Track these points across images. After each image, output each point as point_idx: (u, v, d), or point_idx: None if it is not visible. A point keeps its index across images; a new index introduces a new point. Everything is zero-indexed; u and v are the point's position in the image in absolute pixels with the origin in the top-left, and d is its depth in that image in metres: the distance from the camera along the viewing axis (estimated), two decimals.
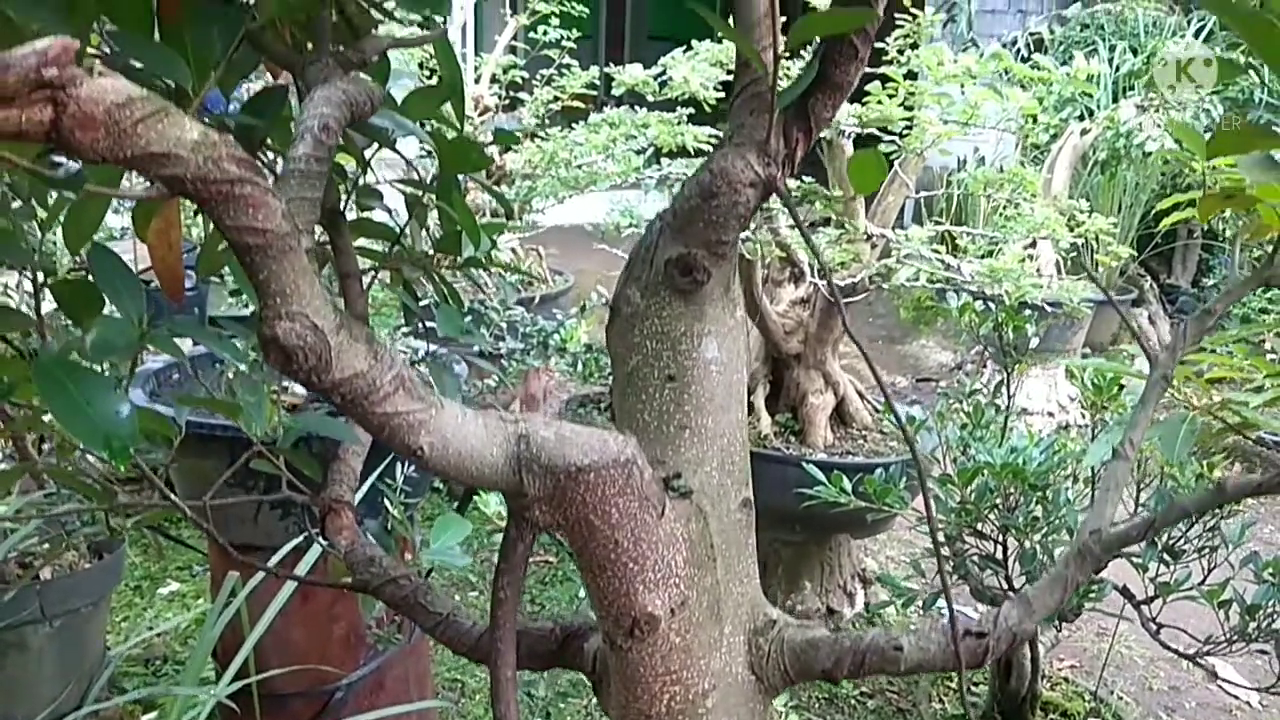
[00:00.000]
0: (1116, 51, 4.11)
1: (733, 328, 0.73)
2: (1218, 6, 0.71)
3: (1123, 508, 0.91)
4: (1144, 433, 0.71)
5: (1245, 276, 0.77)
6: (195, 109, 0.64)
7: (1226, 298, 0.77)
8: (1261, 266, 0.76)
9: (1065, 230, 2.21)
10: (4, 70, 0.43)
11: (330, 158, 0.59)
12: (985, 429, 1.94)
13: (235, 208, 0.47)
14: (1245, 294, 0.77)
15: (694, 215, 0.69)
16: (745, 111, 0.70)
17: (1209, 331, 0.77)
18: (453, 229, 1.08)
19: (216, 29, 0.72)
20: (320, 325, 0.50)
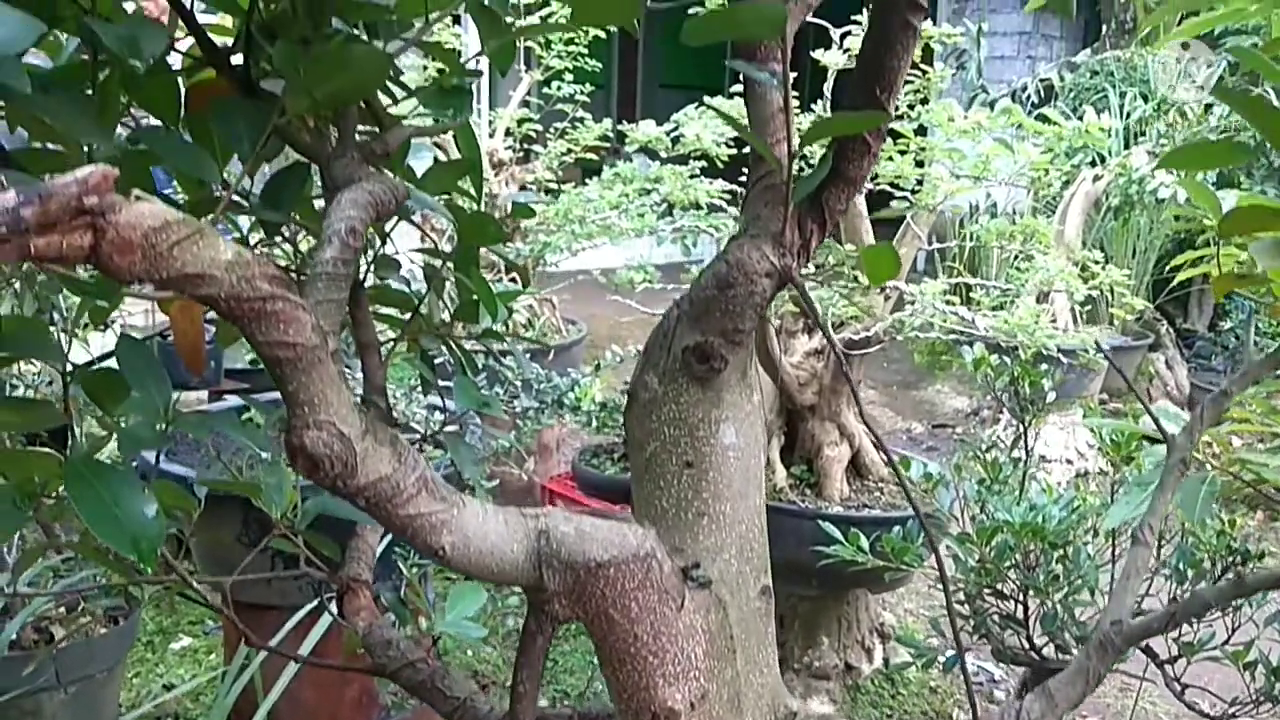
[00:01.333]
0: (1127, 99, 4.15)
1: (750, 413, 0.74)
2: (1223, 95, 0.72)
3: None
4: (1162, 517, 0.71)
5: (1261, 357, 0.77)
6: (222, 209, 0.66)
7: (1242, 380, 0.77)
8: (1274, 351, 0.76)
9: (1079, 282, 2.22)
10: (47, 198, 0.45)
11: (356, 260, 0.60)
12: (1003, 484, 1.93)
13: (267, 324, 0.48)
14: (1262, 376, 0.77)
15: (711, 304, 0.70)
16: (760, 203, 0.71)
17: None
18: (470, 299, 1.10)
19: (243, 123, 0.74)
20: (346, 432, 0.51)
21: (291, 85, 0.72)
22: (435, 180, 1.01)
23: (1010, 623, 1.85)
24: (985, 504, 1.95)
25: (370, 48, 0.75)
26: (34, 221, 0.44)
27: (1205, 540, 1.81)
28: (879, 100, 0.64)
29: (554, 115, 3.20)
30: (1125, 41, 4.38)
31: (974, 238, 2.30)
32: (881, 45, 0.62)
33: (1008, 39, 5.46)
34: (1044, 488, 1.99)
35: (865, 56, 0.63)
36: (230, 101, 0.76)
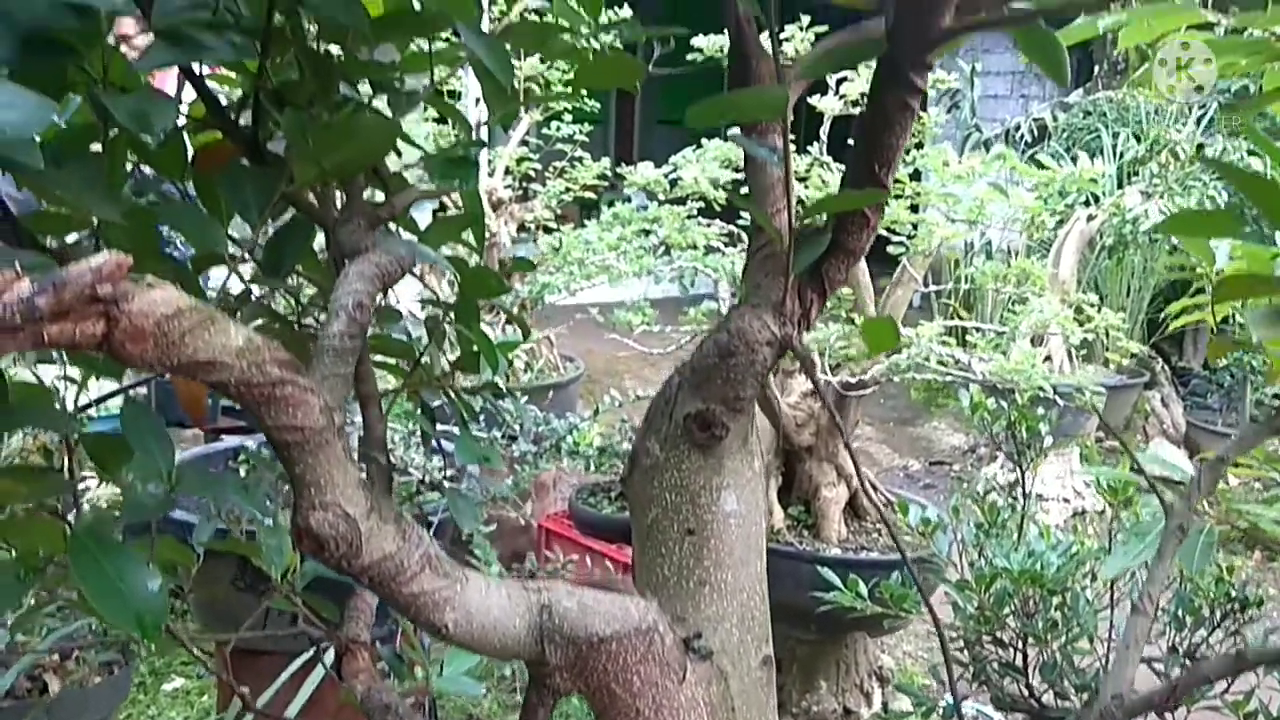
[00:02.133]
0: (1120, 139, 4.20)
1: (750, 479, 0.74)
2: (1220, 168, 0.73)
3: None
4: (1162, 585, 0.71)
5: (1259, 424, 0.77)
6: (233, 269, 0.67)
7: (1240, 445, 0.77)
8: (1273, 417, 0.77)
9: (1075, 325, 2.23)
10: (61, 287, 0.45)
11: (363, 334, 0.61)
12: (1001, 529, 1.93)
13: (276, 408, 0.48)
14: (1259, 443, 0.78)
15: (712, 373, 0.71)
16: (760, 272, 0.72)
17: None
18: (471, 350, 1.10)
19: (251, 190, 0.75)
20: (352, 513, 0.52)
21: (299, 154, 0.73)
22: (438, 233, 1.02)
23: (1009, 670, 1.84)
24: (983, 549, 1.95)
25: (378, 118, 0.76)
26: (48, 310, 0.45)
27: (1204, 587, 1.81)
28: (878, 176, 0.65)
29: (553, 154, 3.23)
30: (1117, 82, 4.44)
31: (969, 279, 2.31)
32: (881, 124, 0.63)
33: (1001, 78, 5.54)
34: (1042, 531, 1.99)
35: (865, 134, 0.64)
36: (238, 168, 0.77)
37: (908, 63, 0.59)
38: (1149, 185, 3.58)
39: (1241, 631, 1.81)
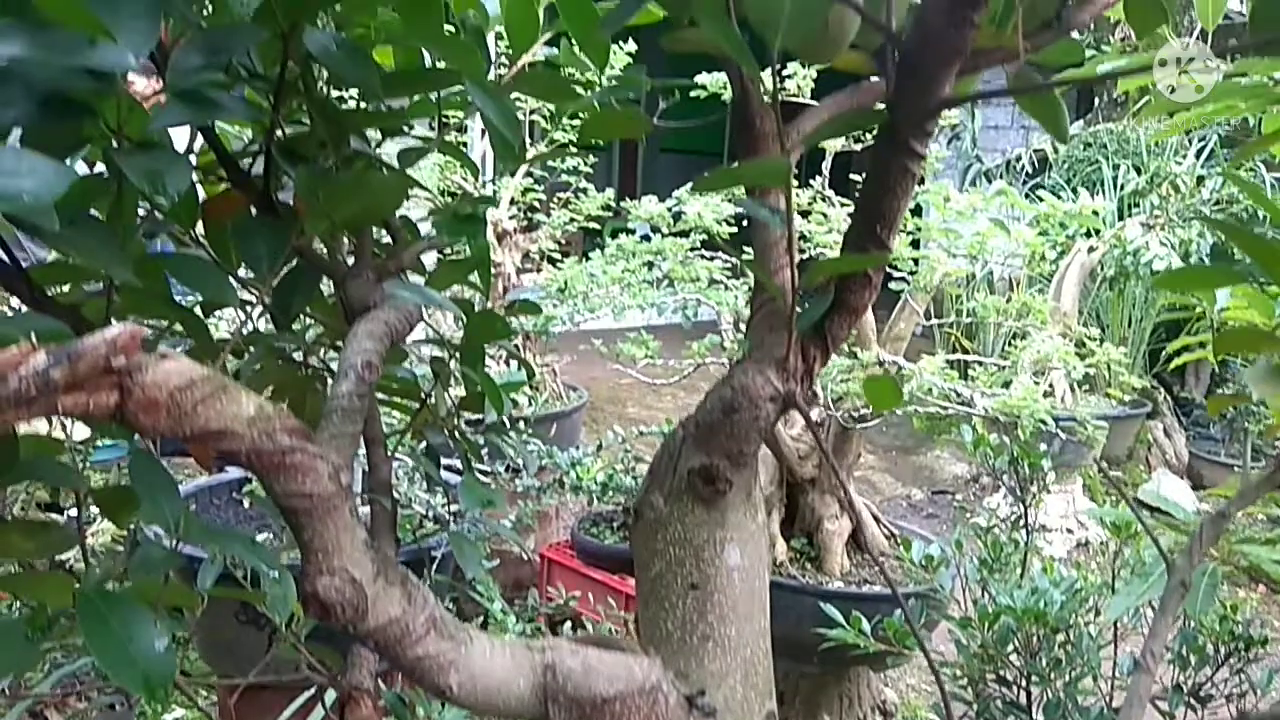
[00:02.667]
0: (1120, 171, 4.23)
1: (754, 532, 0.74)
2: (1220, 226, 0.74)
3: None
4: (1164, 642, 0.71)
5: (1259, 479, 0.78)
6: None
7: (1240, 501, 0.78)
8: (1274, 471, 0.77)
9: (1077, 360, 2.24)
10: (76, 359, 0.46)
11: (371, 393, 0.62)
12: (1004, 564, 1.92)
13: (286, 476, 0.49)
14: (1260, 496, 0.78)
15: (716, 428, 0.71)
16: (765, 328, 0.73)
17: None
18: (475, 391, 1.11)
19: (263, 243, 0.76)
20: (358, 577, 0.52)
21: (310, 209, 0.74)
22: (445, 276, 1.03)
23: (1013, 708, 1.83)
24: (986, 585, 1.95)
25: (388, 176, 0.77)
26: (63, 382, 0.45)
27: (1208, 624, 1.80)
28: (880, 237, 0.66)
29: (557, 184, 3.26)
30: (1118, 114, 4.48)
31: (971, 313, 2.32)
32: (882, 187, 0.64)
33: (1001, 108, 5.58)
34: (1045, 566, 1.99)
35: (866, 197, 0.65)
36: (249, 220, 0.78)
37: (908, 131, 0.60)
38: (1150, 217, 3.60)
39: (1246, 670, 1.80)
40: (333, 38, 0.75)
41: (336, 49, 0.74)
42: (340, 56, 0.73)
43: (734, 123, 0.79)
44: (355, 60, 0.74)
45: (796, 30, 0.56)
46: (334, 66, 0.73)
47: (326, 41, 0.74)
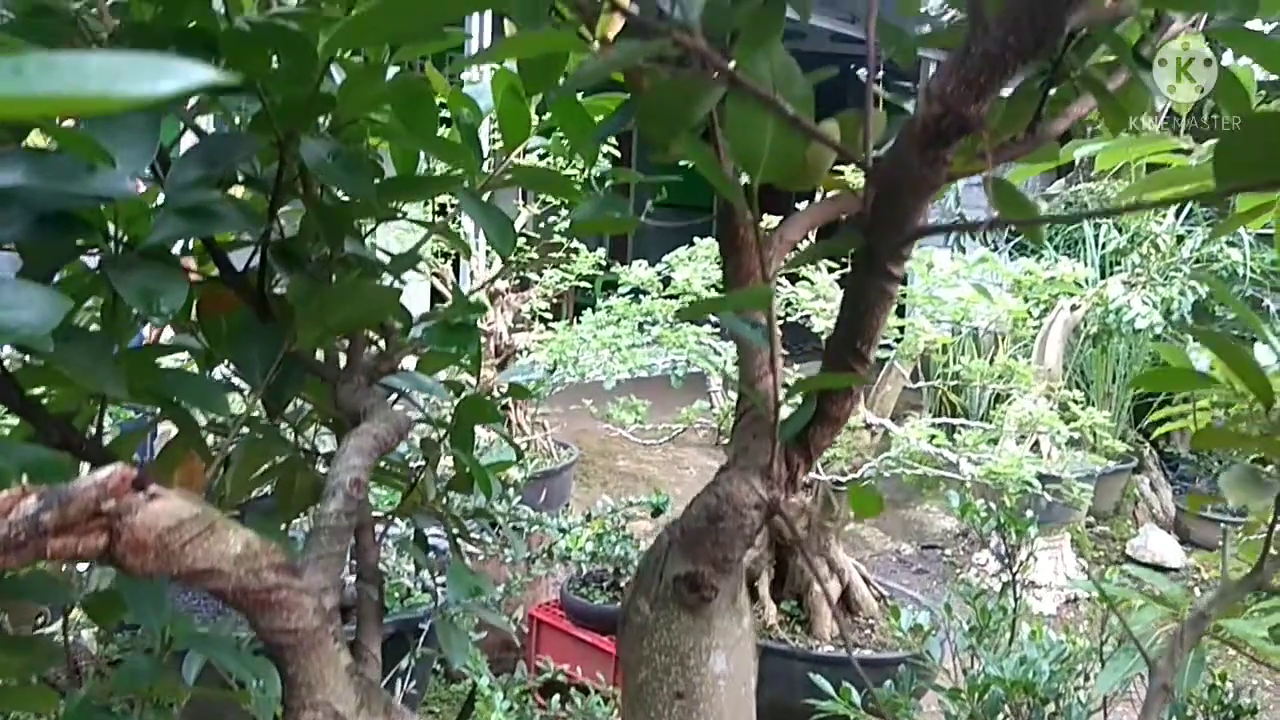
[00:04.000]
0: (1101, 230, 4.30)
1: (740, 638, 0.75)
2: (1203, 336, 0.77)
3: None
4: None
5: (1239, 579, 0.79)
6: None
7: (1220, 600, 0.79)
8: (1253, 570, 0.78)
9: (1061, 424, 2.26)
10: (66, 503, 0.47)
11: (360, 510, 0.62)
12: (993, 633, 1.92)
13: (271, 613, 0.49)
14: (1240, 597, 0.79)
15: (701, 536, 0.72)
16: (748, 435, 0.74)
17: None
18: (465, 472, 1.11)
19: (256, 349, 0.77)
20: (341, 711, 0.52)
21: (304, 315, 0.76)
22: (434, 362, 1.04)
23: None
24: (975, 653, 1.94)
25: (381, 285, 0.78)
26: (52, 526, 0.46)
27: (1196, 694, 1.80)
28: (860, 353, 0.67)
29: (549, 243, 3.29)
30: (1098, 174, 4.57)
31: (956, 376, 2.34)
32: (862, 306, 0.66)
33: None
34: (1034, 631, 1.99)
35: (846, 314, 0.67)
36: (242, 326, 0.79)
37: (885, 257, 0.62)
38: (1131, 276, 3.65)
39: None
40: (328, 148, 0.77)
41: (332, 160, 0.76)
42: (335, 168, 0.75)
43: (719, 225, 0.81)
44: (350, 171, 0.76)
45: (776, 167, 0.58)
46: (329, 178, 0.75)
47: (322, 153, 0.76)
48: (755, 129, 0.56)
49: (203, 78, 0.27)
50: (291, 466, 1.08)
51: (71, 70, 0.27)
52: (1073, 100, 0.80)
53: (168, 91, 0.26)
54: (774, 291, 0.59)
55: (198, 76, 0.27)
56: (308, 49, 0.76)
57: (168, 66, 0.27)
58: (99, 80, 0.26)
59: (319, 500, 1.06)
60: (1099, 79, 0.76)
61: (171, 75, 0.27)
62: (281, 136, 0.78)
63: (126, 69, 0.27)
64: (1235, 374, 0.76)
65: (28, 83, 0.25)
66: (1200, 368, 1.51)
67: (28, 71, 0.26)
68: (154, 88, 0.26)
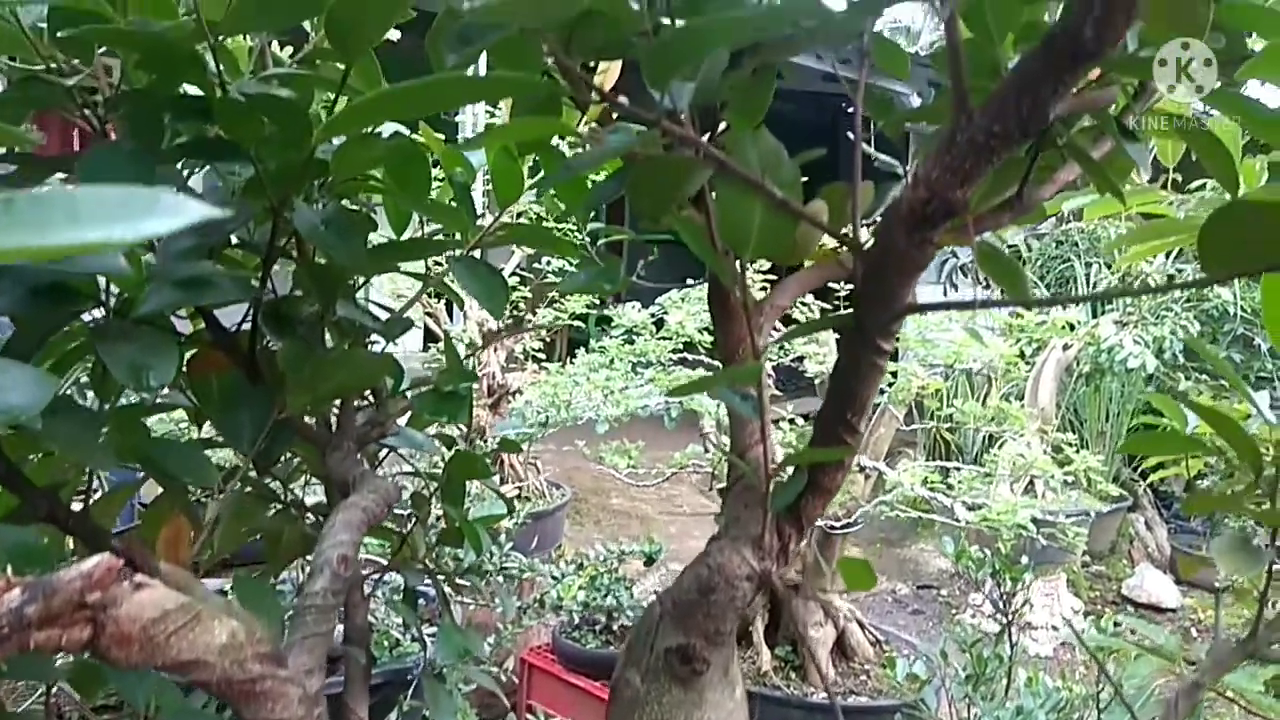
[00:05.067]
0: (1092, 269, 4.34)
1: (732, 710, 0.74)
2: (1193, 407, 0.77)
3: None
4: None
5: (1233, 647, 0.78)
6: None
7: (1215, 669, 0.78)
8: (1245, 639, 0.78)
9: (1055, 467, 2.25)
10: (50, 595, 0.46)
11: (345, 588, 0.62)
12: (989, 682, 1.90)
13: (256, 703, 0.49)
14: (1235, 665, 0.79)
15: (693, 608, 0.71)
16: (740, 504, 0.74)
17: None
18: (455, 527, 1.11)
19: (246, 414, 0.77)
20: None
21: (294, 382, 0.75)
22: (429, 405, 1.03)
23: None
24: (972, 702, 1.92)
25: (372, 354, 0.79)
26: (36, 618, 0.46)
27: None
28: (850, 423, 0.67)
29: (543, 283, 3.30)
30: None
31: (949, 419, 2.34)
32: (852, 378, 0.66)
33: None
34: (1030, 676, 1.97)
35: (837, 384, 0.67)
36: (233, 392, 0.79)
37: (874, 333, 0.62)
38: (1122, 315, 3.67)
39: None
40: (321, 214, 0.77)
41: (325, 227, 0.76)
42: (328, 235, 0.75)
43: (710, 290, 0.81)
44: (343, 237, 0.77)
45: (765, 247, 0.58)
46: (322, 245, 0.75)
47: (315, 219, 0.77)
48: (744, 211, 0.56)
49: (195, 214, 0.27)
50: (280, 519, 1.07)
51: (63, 209, 0.27)
52: (1059, 167, 0.81)
53: (160, 231, 0.26)
54: (762, 368, 0.60)
55: (191, 213, 0.27)
56: (301, 117, 0.76)
57: (159, 202, 0.27)
58: (90, 220, 0.26)
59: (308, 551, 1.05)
60: (1084, 148, 0.77)
61: (164, 213, 0.27)
62: (275, 202, 0.79)
63: (116, 205, 0.27)
64: (1224, 439, 0.76)
65: (18, 228, 0.25)
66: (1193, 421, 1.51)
67: (16, 211, 0.26)
68: (147, 228, 0.26)
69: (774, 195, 0.55)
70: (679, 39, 0.45)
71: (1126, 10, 0.48)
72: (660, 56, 0.46)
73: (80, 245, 0.25)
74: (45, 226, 0.26)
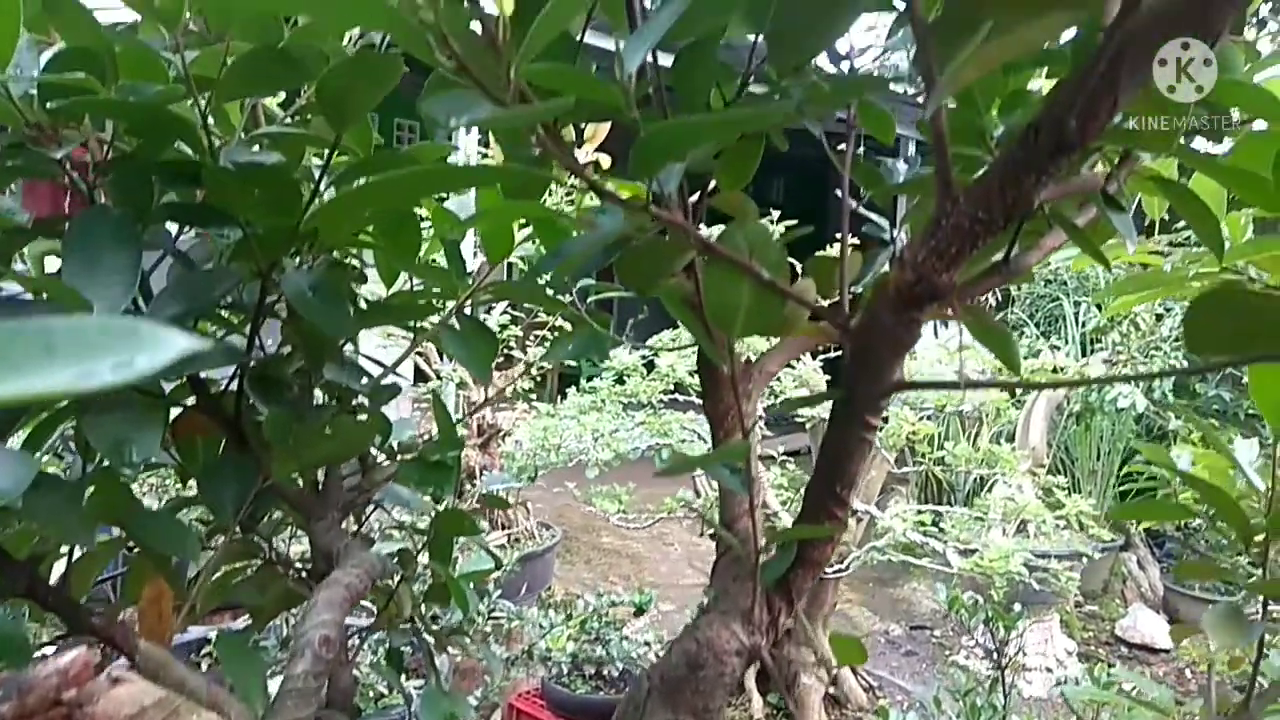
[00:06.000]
0: (1081, 309, 4.36)
1: None
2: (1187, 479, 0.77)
3: None
4: None
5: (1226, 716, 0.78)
6: None
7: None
8: (1237, 710, 0.77)
9: (1046, 511, 2.25)
10: (26, 692, 0.45)
11: (328, 670, 0.61)
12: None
13: None
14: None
15: (681, 684, 0.70)
16: (728, 576, 0.73)
17: None
18: (441, 585, 1.09)
19: (232, 483, 0.76)
20: None
21: (279, 450, 0.75)
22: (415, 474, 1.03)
23: None
24: None
25: (358, 422, 0.78)
26: (10, 716, 0.45)
27: None
28: (840, 496, 0.67)
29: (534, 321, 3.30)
30: None
31: (941, 461, 2.34)
32: (842, 453, 0.66)
33: None
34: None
35: (826, 459, 0.67)
36: (219, 456, 0.79)
37: (863, 409, 0.62)
38: (1112, 354, 3.69)
39: None
40: (309, 280, 0.77)
41: (312, 293, 0.76)
42: (315, 302, 0.75)
43: (700, 359, 0.81)
44: (330, 303, 0.76)
45: (753, 326, 0.58)
46: (309, 312, 0.75)
47: (303, 285, 0.76)
48: (732, 292, 0.56)
49: (176, 349, 0.27)
50: (264, 574, 1.06)
51: (39, 343, 0.26)
52: (1045, 233, 0.82)
53: (145, 370, 0.26)
54: (750, 446, 0.59)
55: (177, 347, 0.27)
56: (290, 184, 0.76)
57: (138, 335, 0.27)
58: (66, 355, 0.26)
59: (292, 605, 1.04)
60: (1069, 217, 0.77)
61: (144, 347, 0.26)
62: (264, 266, 0.79)
63: (95, 337, 0.27)
64: (1216, 509, 0.76)
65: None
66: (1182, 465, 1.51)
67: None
68: (126, 370, 0.25)
69: (761, 277, 0.55)
70: (663, 136, 0.45)
71: (1110, 104, 0.49)
72: (645, 152, 0.46)
73: (58, 391, 0.25)
74: (19, 365, 0.26)
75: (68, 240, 0.70)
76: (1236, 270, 1.14)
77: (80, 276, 0.66)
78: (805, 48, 0.57)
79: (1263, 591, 0.74)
